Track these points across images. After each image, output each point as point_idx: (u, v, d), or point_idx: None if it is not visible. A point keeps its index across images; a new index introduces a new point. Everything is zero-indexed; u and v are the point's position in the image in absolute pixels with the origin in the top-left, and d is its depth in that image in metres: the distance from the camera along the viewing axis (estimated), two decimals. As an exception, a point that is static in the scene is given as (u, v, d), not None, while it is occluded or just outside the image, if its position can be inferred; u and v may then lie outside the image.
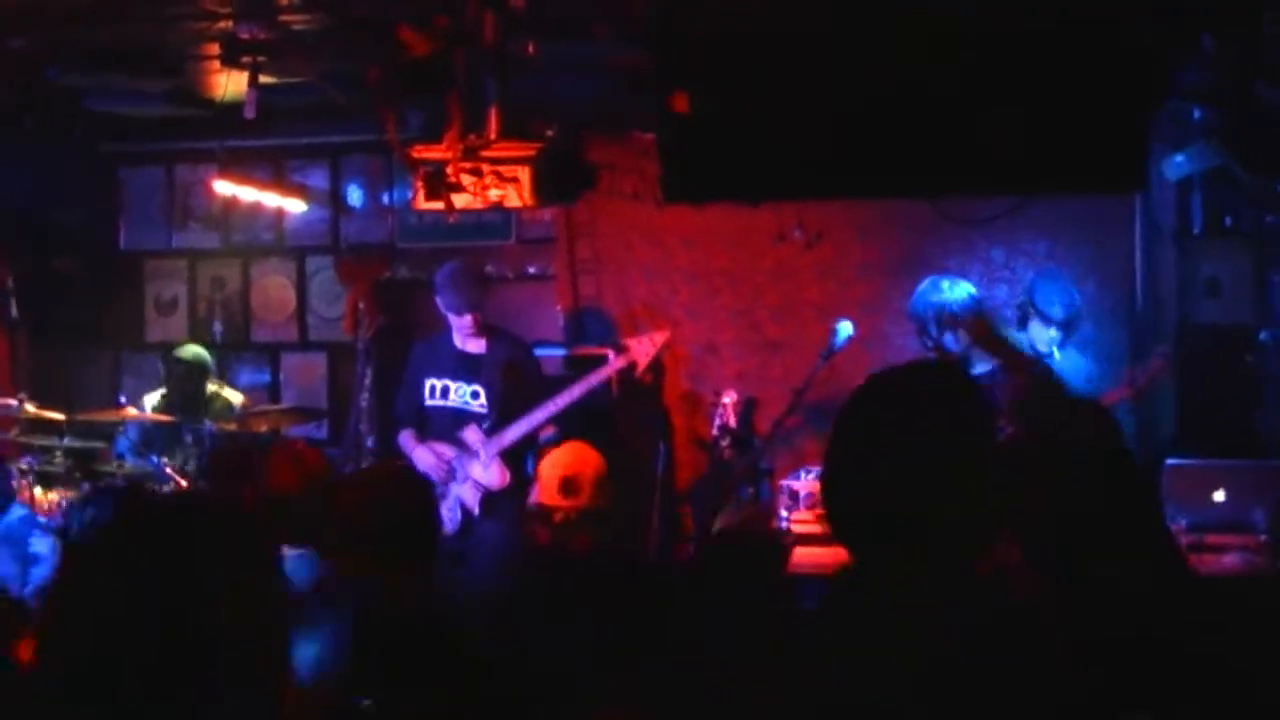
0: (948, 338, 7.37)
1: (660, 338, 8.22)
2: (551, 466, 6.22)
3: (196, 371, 9.69)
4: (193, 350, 9.80)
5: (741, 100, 7.58)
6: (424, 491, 4.81)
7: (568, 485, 6.06)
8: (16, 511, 8.52)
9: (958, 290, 7.40)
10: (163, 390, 9.75)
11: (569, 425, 8.03)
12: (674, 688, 3.15)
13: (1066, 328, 7.83)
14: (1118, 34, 7.45)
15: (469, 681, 3.68)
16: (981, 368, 7.55)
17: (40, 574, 8.06)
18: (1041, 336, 7.85)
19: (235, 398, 9.87)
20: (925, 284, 7.53)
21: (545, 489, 6.02)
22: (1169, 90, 7.85)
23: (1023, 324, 8.02)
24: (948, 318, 7.33)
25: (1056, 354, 7.87)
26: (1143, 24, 7.29)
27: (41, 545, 8.27)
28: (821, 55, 7.55)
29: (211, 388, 9.81)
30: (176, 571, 2.25)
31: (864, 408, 2.65)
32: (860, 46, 7.54)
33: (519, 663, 3.54)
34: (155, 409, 9.52)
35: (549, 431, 7.97)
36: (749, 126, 7.59)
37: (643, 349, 8.17)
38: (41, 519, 8.38)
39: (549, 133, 7.84)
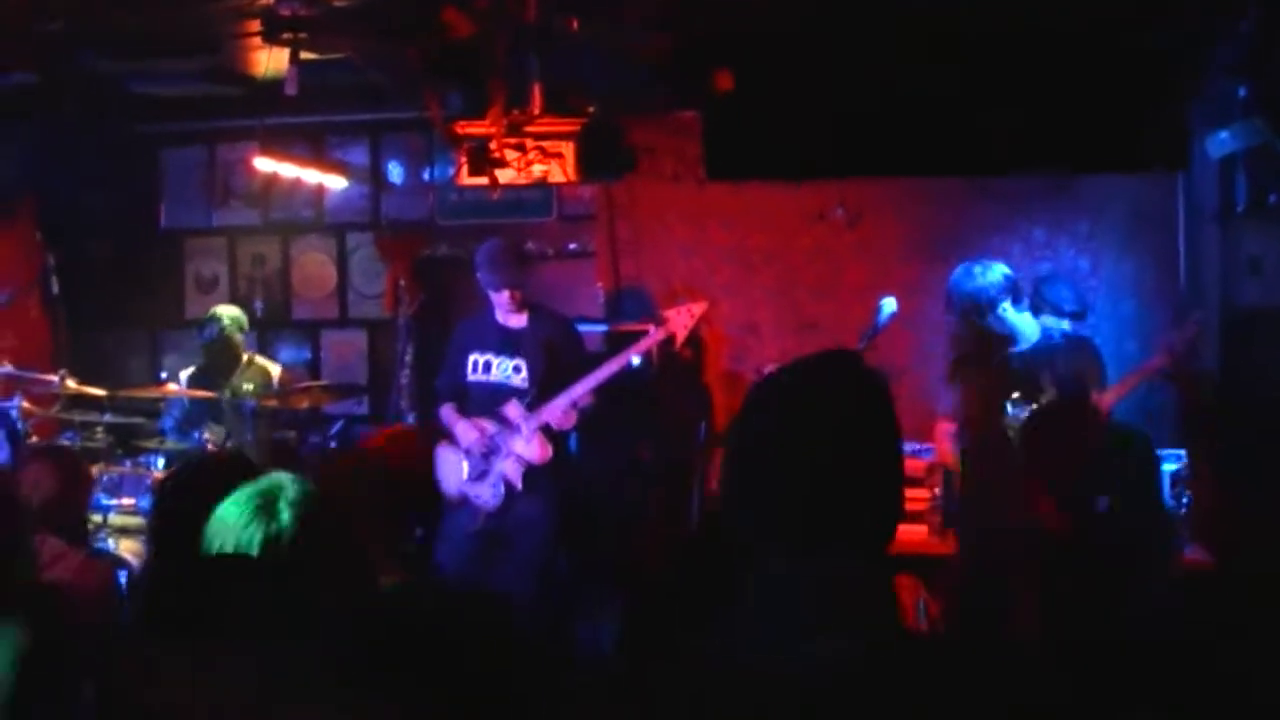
0: (991, 320, 7.33)
1: (698, 309, 8.18)
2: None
3: (235, 330, 9.70)
4: (229, 309, 9.82)
5: (783, 78, 7.59)
6: None
7: None
8: None
9: (992, 273, 7.37)
10: (196, 365, 9.78)
11: (610, 400, 8.04)
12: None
13: (1076, 318, 7.80)
14: (1162, 11, 7.44)
15: None
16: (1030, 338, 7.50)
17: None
18: (1054, 326, 7.83)
19: (273, 367, 9.88)
20: (959, 272, 7.48)
21: None
22: (1211, 67, 7.81)
23: (1036, 312, 8.01)
24: (986, 302, 7.29)
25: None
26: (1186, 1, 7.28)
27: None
28: (866, 35, 7.55)
29: (246, 354, 9.83)
30: None
31: (763, 409, 2.49)
32: (904, 26, 7.53)
33: None
34: (190, 380, 9.55)
35: (586, 401, 7.96)
36: (790, 105, 7.60)
37: (680, 320, 8.14)
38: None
39: (591, 109, 7.85)
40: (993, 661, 2.37)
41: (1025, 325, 7.33)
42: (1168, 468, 7.31)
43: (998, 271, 7.34)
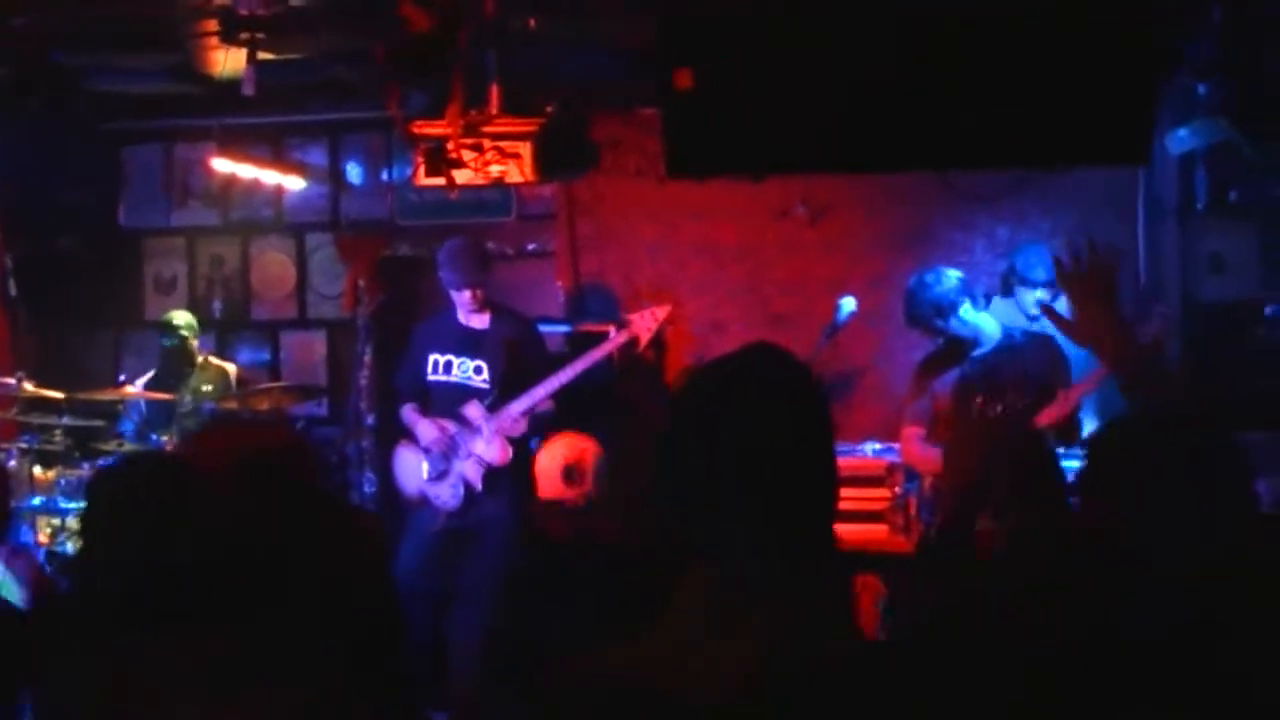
0: (953, 323, 7.36)
1: (662, 312, 8.19)
2: (550, 459, 6.15)
3: (192, 335, 9.68)
4: (185, 316, 9.80)
5: (745, 74, 7.55)
6: None
7: (569, 474, 6.00)
8: None
9: (947, 279, 7.40)
10: (153, 370, 9.74)
11: (571, 402, 8.02)
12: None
13: (1051, 287, 7.81)
14: (1127, 6, 7.42)
15: None
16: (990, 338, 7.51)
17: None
18: (1028, 300, 7.84)
19: (229, 367, 9.86)
20: (913, 283, 7.52)
21: (548, 482, 5.92)
22: (1176, 64, 7.81)
23: (1007, 292, 8.02)
24: (946, 307, 7.33)
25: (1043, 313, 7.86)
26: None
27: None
28: (824, 29, 7.52)
29: (201, 356, 9.79)
30: None
31: (694, 405, 2.43)
32: (863, 20, 7.51)
33: None
34: (147, 386, 9.51)
35: (546, 407, 7.95)
36: (753, 101, 7.56)
37: (644, 323, 8.14)
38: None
39: (550, 108, 7.82)
40: (922, 668, 2.33)
41: (986, 324, 7.36)
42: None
43: (952, 277, 7.39)
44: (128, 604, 3.68)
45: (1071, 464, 7.21)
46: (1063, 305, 7.95)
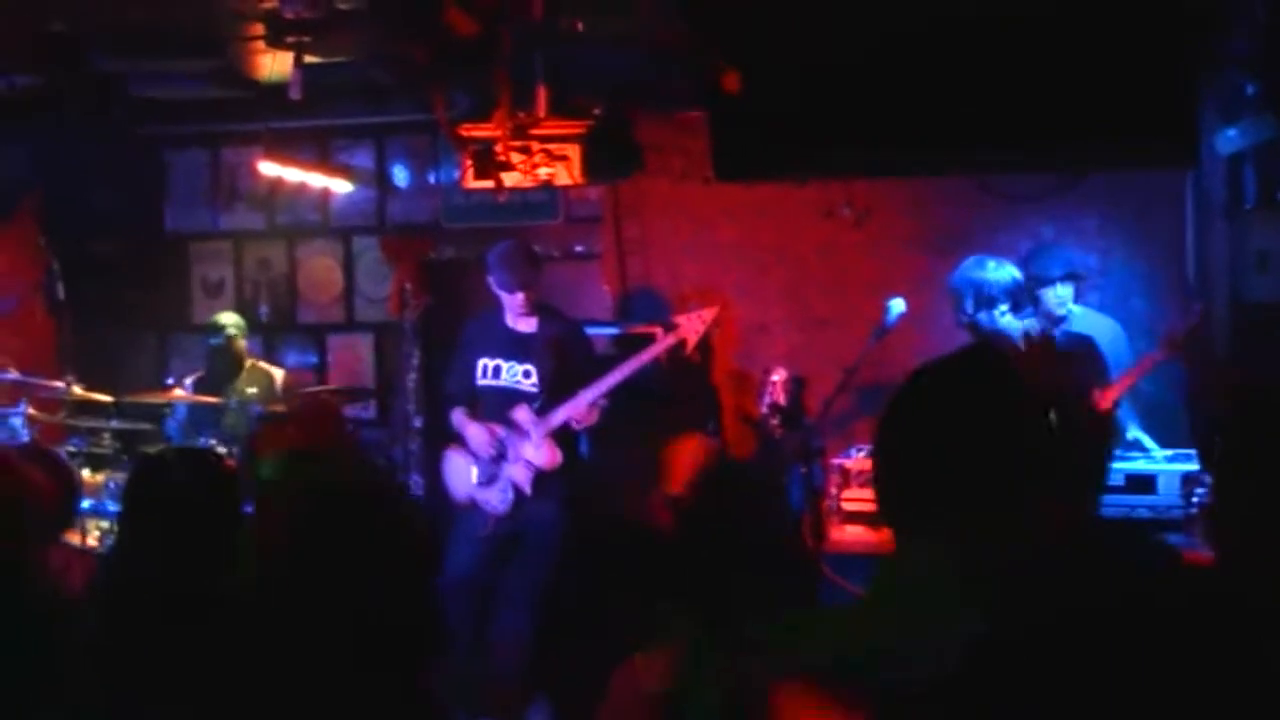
0: (982, 315, 7.30)
1: (709, 314, 8.17)
2: (691, 458, 6.03)
3: (240, 336, 9.74)
4: (233, 317, 9.87)
5: (789, 77, 7.56)
6: None
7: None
8: None
9: (1002, 272, 7.34)
10: (200, 371, 9.79)
11: (618, 404, 8.02)
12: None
13: (1070, 280, 7.78)
14: (1170, 7, 7.40)
15: None
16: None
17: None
18: (1051, 300, 7.81)
19: (275, 371, 9.90)
20: (970, 260, 7.47)
21: (677, 480, 5.78)
22: (1222, 62, 7.78)
23: (1035, 300, 7.98)
24: (985, 297, 7.27)
25: (1075, 309, 7.82)
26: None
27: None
28: (868, 33, 7.52)
29: (249, 360, 9.84)
30: None
31: (915, 396, 2.63)
32: (908, 23, 7.50)
33: None
34: (195, 387, 9.55)
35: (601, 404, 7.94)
36: (799, 105, 7.57)
37: (692, 326, 8.12)
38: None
39: (597, 110, 7.82)
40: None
41: (1014, 330, 7.30)
42: (1179, 468, 7.31)
43: (1008, 273, 7.31)
44: (155, 599, 3.72)
45: (1115, 465, 7.25)
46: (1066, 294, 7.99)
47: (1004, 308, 7.21)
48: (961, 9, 7.42)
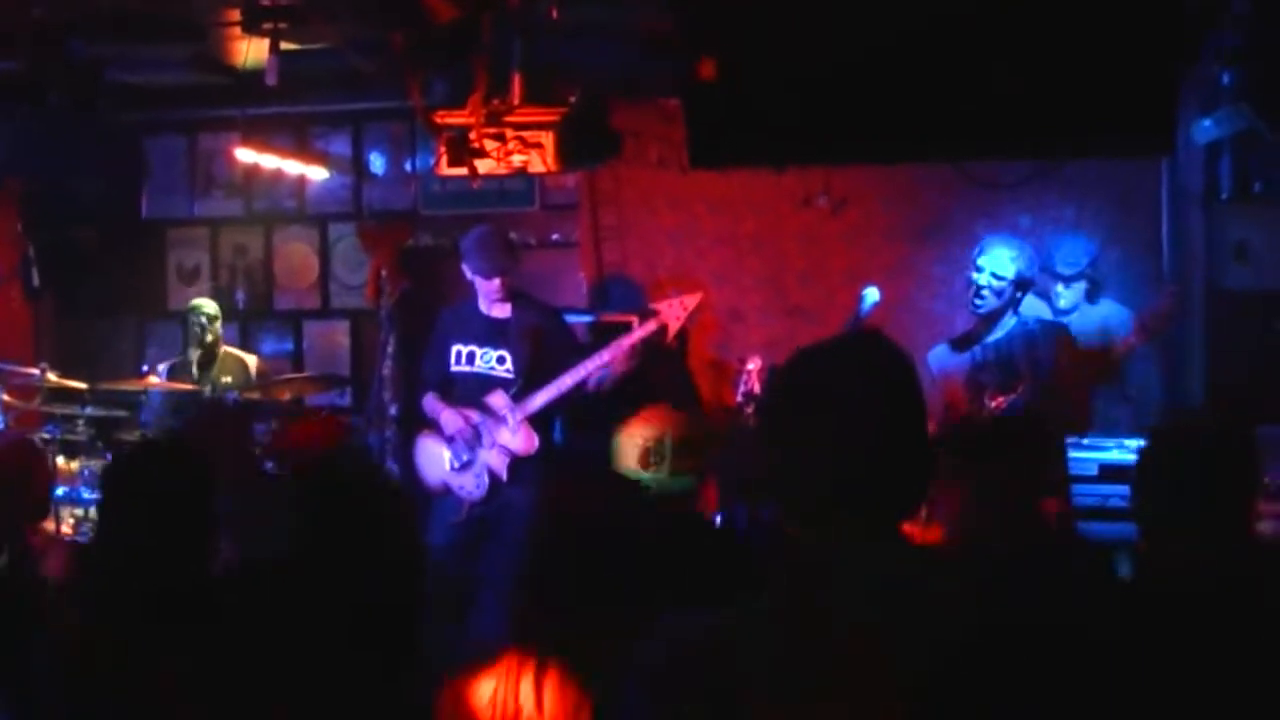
0: (1020, 297, 7.34)
1: (691, 300, 8.10)
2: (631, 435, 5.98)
3: (217, 323, 9.70)
4: (212, 305, 9.82)
5: (766, 65, 7.54)
6: None
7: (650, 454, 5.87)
8: None
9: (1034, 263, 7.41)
10: (175, 358, 9.76)
11: (593, 391, 7.99)
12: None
13: (1082, 279, 7.80)
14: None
15: None
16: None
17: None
18: (1066, 296, 7.82)
19: (249, 358, 9.86)
20: (1025, 250, 7.43)
21: (626, 459, 5.61)
22: (1200, 52, 7.78)
23: (1044, 291, 7.99)
24: (1028, 282, 7.33)
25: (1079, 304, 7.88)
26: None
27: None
28: (845, 18, 7.51)
29: (223, 348, 9.82)
30: None
31: (797, 385, 2.55)
32: (887, 11, 7.49)
33: None
34: (169, 373, 9.52)
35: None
36: (774, 92, 7.56)
37: (673, 312, 8.06)
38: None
39: (572, 98, 7.81)
40: None
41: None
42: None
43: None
44: (139, 590, 3.71)
45: (1079, 455, 7.24)
46: (1072, 295, 8.02)
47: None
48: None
